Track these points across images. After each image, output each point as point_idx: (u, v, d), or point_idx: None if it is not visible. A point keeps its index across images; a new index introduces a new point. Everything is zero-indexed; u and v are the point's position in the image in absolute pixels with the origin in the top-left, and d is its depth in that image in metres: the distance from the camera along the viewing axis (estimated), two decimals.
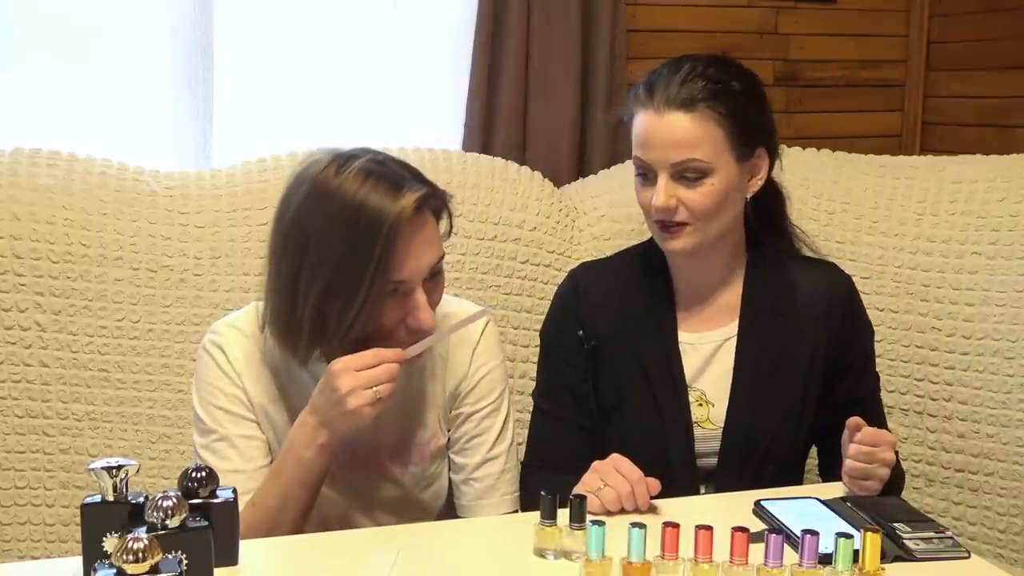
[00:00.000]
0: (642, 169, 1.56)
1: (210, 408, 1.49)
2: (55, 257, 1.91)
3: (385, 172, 1.37)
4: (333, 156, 1.39)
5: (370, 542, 1.32)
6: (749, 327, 1.61)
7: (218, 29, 2.28)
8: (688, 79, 1.52)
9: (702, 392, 1.63)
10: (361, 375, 1.34)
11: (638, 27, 2.56)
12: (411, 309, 1.39)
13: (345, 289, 1.34)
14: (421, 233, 1.37)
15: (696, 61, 1.56)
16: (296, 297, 1.37)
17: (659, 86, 1.53)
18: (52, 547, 1.92)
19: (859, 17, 2.77)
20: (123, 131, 2.25)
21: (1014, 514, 2.00)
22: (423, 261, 1.38)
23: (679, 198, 1.52)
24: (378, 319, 1.37)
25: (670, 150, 1.51)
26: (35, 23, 2.19)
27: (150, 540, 0.99)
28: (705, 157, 1.51)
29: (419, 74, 2.41)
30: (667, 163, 1.52)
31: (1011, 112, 2.54)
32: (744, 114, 1.54)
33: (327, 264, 1.35)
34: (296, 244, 1.37)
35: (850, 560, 1.14)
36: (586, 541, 1.18)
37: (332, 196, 1.35)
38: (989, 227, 2.07)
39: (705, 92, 1.51)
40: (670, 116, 1.51)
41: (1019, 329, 2.00)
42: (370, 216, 1.33)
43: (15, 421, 1.90)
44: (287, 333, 1.41)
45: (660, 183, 1.52)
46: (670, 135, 1.51)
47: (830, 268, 1.69)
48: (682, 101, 1.51)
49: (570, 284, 1.71)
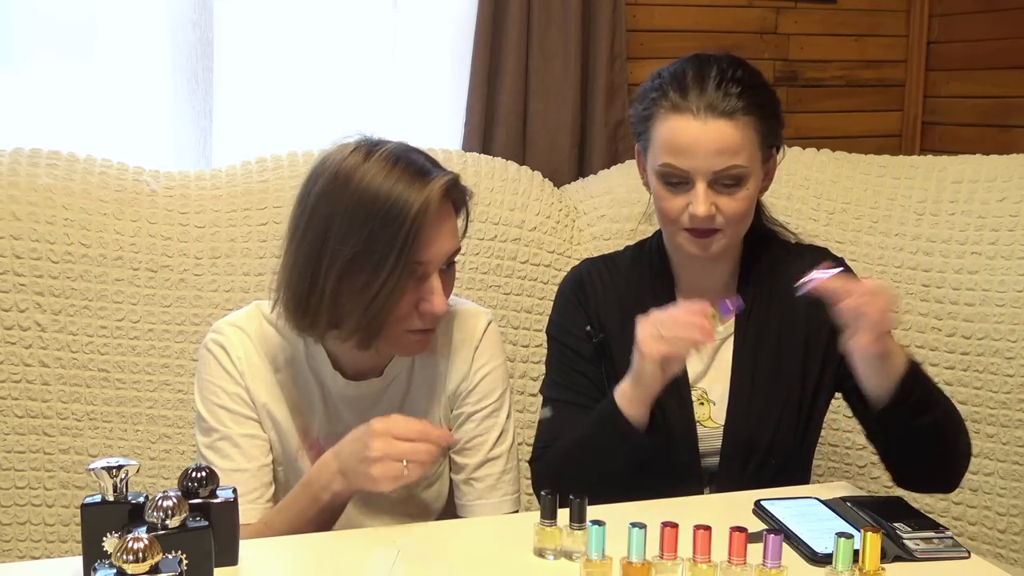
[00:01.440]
0: (675, 177, 1.52)
1: (213, 407, 1.49)
2: (55, 257, 1.91)
3: (413, 159, 1.41)
4: (362, 140, 1.44)
5: (370, 542, 1.32)
6: (745, 325, 1.62)
7: (218, 29, 2.28)
8: (724, 84, 1.49)
9: (704, 391, 1.63)
10: (396, 446, 1.32)
11: (638, 27, 2.56)
12: (426, 294, 1.40)
13: (369, 265, 1.36)
14: (446, 220, 1.41)
15: (720, 62, 1.53)
16: (318, 271, 1.38)
17: (692, 90, 1.49)
18: (52, 547, 1.92)
19: (859, 17, 2.77)
20: (123, 131, 2.25)
21: (1014, 514, 2.01)
22: (445, 246, 1.41)
23: (717, 205, 1.51)
24: (396, 300, 1.38)
25: (713, 158, 1.48)
26: (35, 23, 2.19)
27: (150, 540, 0.99)
28: (746, 163, 1.50)
29: (419, 74, 2.41)
30: (709, 171, 1.49)
31: (1011, 112, 2.54)
32: (771, 116, 1.54)
33: (353, 239, 1.36)
34: (321, 219, 1.39)
35: (850, 560, 1.14)
36: (586, 541, 1.18)
37: (362, 175, 1.37)
38: (989, 227, 2.07)
39: (743, 98, 1.49)
40: (714, 124, 1.48)
41: (1019, 329, 2.00)
42: (400, 197, 1.36)
43: (15, 421, 1.90)
44: (303, 310, 1.41)
45: (700, 191, 1.49)
46: (715, 143, 1.48)
47: (820, 253, 1.69)
48: (724, 109, 1.48)
49: (575, 279, 1.70)
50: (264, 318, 1.53)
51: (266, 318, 1.53)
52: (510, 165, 2.22)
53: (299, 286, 1.41)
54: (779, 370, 1.60)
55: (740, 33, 2.67)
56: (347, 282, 1.38)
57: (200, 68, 2.28)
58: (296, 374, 1.51)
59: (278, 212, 2.02)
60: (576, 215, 2.22)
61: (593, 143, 2.48)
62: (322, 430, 1.53)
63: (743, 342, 1.61)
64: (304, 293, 1.41)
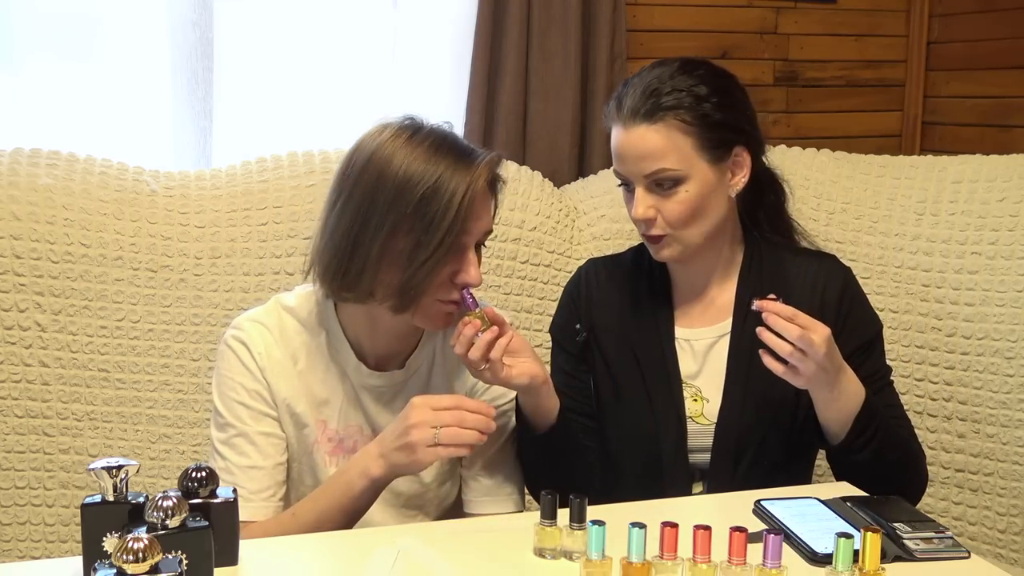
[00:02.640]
0: (623, 182, 1.61)
1: (231, 403, 1.49)
2: (55, 257, 1.91)
3: (459, 139, 1.49)
4: (408, 119, 1.48)
5: (370, 542, 1.32)
6: (742, 323, 1.62)
7: (218, 29, 2.28)
8: (651, 90, 1.54)
9: (698, 388, 1.64)
10: (432, 413, 1.38)
11: (638, 27, 2.56)
12: (464, 266, 1.45)
13: (415, 233, 1.40)
14: (486, 198, 1.47)
15: (663, 68, 1.57)
16: (363, 235, 1.42)
17: (626, 99, 1.56)
18: (52, 547, 1.92)
19: (859, 17, 2.77)
20: (123, 131, 2.25)
21: (1014, 514, 2.01)
22: (483, 222, 1.47)
23: (657, 208, 1.56)
24: (438, 269, 1.42)
25: (639, 162, 1.55)
26: (35, 23, 2.19)
27: (150, 540, 0.99)
28: (674, 166, 1.53)
29: (419, 74, 2.41)
30: (640, 175, 1.55)
31: (1011, 112, 2.54)
32: (711, 118, 1.55)
33: (401, 207, 1.40)
34: (369, 186, 1.42)
35: (850, 560, 1.14)
36: (586, 541, 1.18)
37: (414, 147, 1.43)
38: (989, 227, 2.07)
39: (668, 101, 1.53)
40: (635, 129, 1.54)
41: (1019, 329, 2.00)
42: (452, 171, 1.41)
43: (15, 421, 1.90)
44: (344, 273, 1.44)
45: (637, 194, 1.57)
46: (637, 148, 1.54)
47: (826, 260, 1.69)
48: (645, 113, 1.54)
49: (573, 278, 1.75)
50: (284, 310, 1.54)
51: (286, 309, 1.54)
52: (510, 165, 2.22)
53: (341, 250, 1.44)
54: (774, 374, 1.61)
55: (740, 33, 2.67)
56: (392, 245, 1.42)
57: (200, 68, 2.28)
58: (317, 365, 1.52)
59: (278, 212, 2.02)
60: (576, 215, 2.22)
61: (593, 143, 2.48)
62: (341, 422, 1.54)
63: (738, 341, 1.62)
64: (347, 255, 1.44)
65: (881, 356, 1.67)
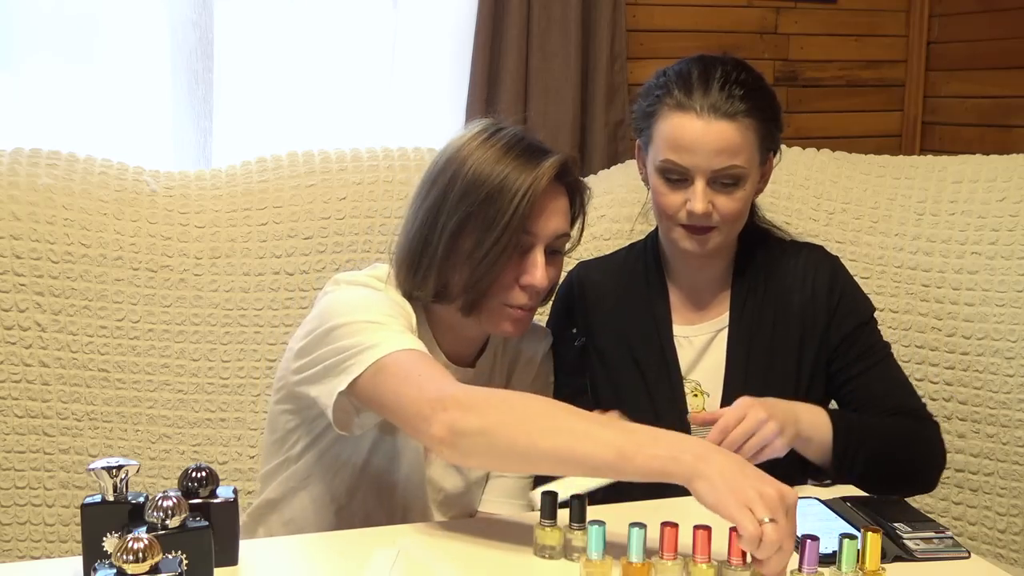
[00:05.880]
0: (675, 174, 1.55)
1: (369, 311, 1.41)
2: (55, 257, 1.91)
3: (533, 141, 1.50)
4: (488, 122, 1.52)
5: (370, 542, 1.32)
6: (739, 317, 1.63)
7: (218, 29, 2.28)
8: (728, 86, 1.52)
9: (697, 383, 1.64)
10: None
11: (638, 27, 2.56)
12: (529, 267, 1.45)
13: (479, 228, 1.42)
14: (555, 198, 1.47)
15: (725, 64, 1.56)
16: (432, 231, 1.45)
17: (697, 90, 1.53)
18: (52, 547, 1.92)
19: (859, 17, 2.78)
20: (123, 131, 2.25)
21: (1014, 514, 2.01)
22: (552, 223, 1.46)
23: (714, 204, 1.54)
24: (501, 266, 1.43)
25: (714, 157, 1.52)
26: (35, 23, 2.19)
27: (150, 540, 0.99)
28: (744, 164, 1.53)
29: (419, 74, 2.41)
30: (708, 169, 1.52)
31: (1011, 112, 2.54)
32: (771, 120, 1.57)
33: (469, 201, 1.42)
34: (443, 185, 1.46)
35: (853, 560, 1.14)
36: (586, 541, 1.18)
37: (487, 147, 1.45)
38: (989, 227, 2.07)
39: (746, 102, 1.52)
40: (717, 124, 1.51)
41: (1019, 329, 2.00)
42: (517, 168, 1.43)
43: (15, 421, 1.90)
44: (415, 268, 1.47)
45: (698, 189, 1.53)
46: (716, 143, 1.51)
47: (815, 250, 1.71)
48: (727, 111, 1.51)
49: (564, 283, 1.74)
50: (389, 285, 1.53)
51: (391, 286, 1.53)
52: None
53: (415, 246, 1.47)
54: (772, 365, 1.61)
55: (740, 33, 2.67)
56: (458, 243, 1.43)
57: (200, 68, 2.28)
58: None
59: (278, 212, 2.02)
60: None
61: (593, 143, 2.48)
62: None
63: (737, 335, 1.63)
64: (418, 252, 1.47)
65: (875, 334, 1.67)
